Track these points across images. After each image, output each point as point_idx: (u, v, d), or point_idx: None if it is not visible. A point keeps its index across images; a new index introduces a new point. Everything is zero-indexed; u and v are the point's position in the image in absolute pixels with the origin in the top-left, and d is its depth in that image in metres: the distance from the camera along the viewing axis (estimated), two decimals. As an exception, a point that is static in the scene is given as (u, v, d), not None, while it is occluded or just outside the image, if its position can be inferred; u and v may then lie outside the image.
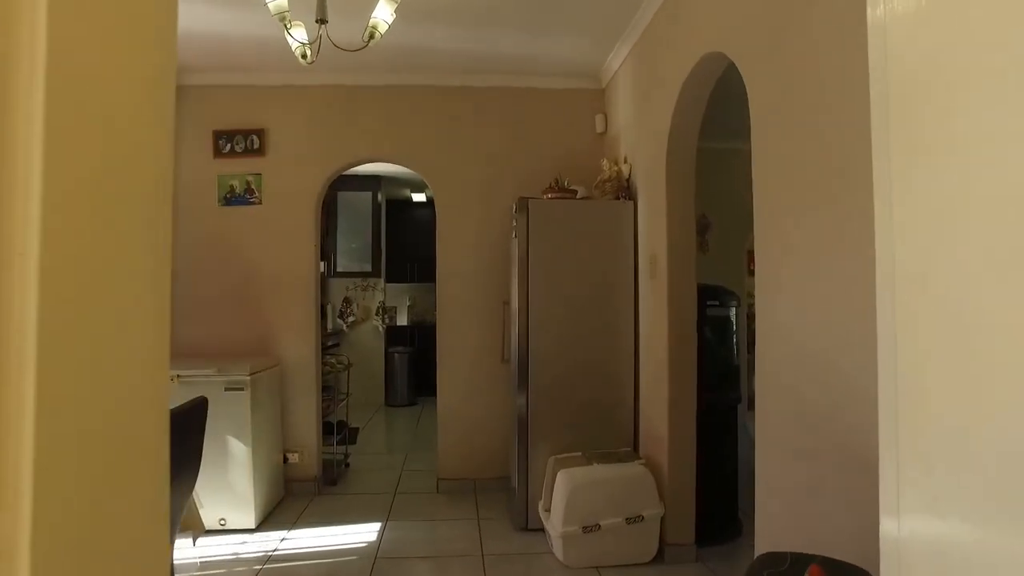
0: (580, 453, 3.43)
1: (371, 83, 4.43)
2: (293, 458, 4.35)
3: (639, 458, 3.33)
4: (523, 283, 3.61)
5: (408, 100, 4.47)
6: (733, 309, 3.52)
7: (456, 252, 4.47)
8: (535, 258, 3.61)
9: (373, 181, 7.77)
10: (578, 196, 3.86)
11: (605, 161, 3.89)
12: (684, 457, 3.18)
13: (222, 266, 4.38)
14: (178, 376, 3.65)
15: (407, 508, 4.11)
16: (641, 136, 3.60)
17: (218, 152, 4.38)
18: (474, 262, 4.45)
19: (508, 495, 4.12)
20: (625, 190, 3.77)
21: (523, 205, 3.64)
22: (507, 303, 4.24)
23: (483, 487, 4.38)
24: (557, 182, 3.83)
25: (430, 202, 8.70)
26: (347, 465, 5.03)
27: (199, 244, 4.37)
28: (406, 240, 8.70)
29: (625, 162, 3.93)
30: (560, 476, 3.17)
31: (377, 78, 4.42)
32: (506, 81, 4.47)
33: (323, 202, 4.51)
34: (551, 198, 3.75)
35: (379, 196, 7.91)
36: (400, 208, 8.78)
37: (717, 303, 3.43)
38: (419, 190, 8.42)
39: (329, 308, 7.93)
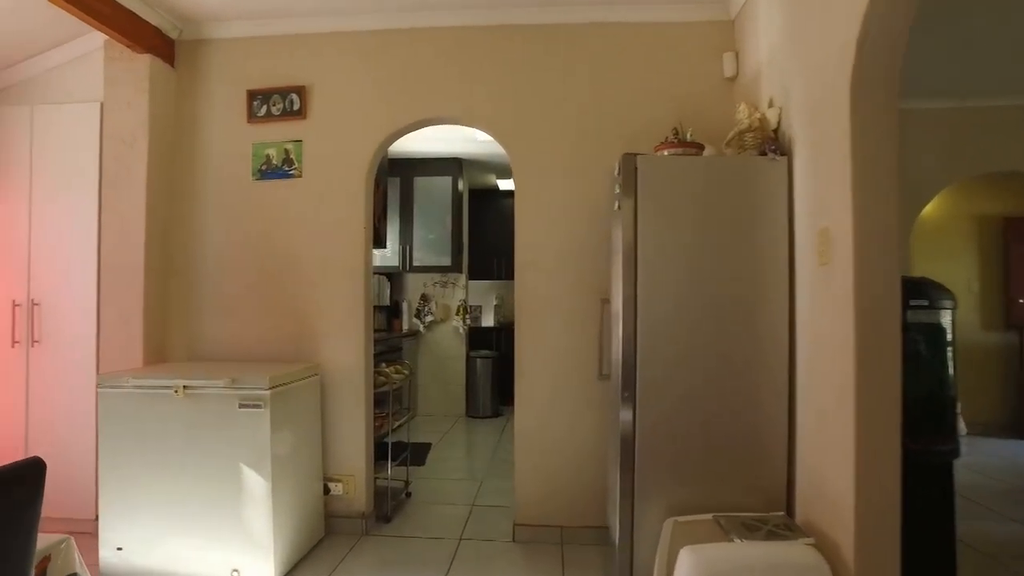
0: (711, 516, 2.36)
1: (434, 24, 3.54)
2: (336, 488, 3.53)
3: (802, 533, 2.22)
4: (629, 273, 2.58)
5: (479, 45, 3.54)
6: (948, 313, 2.33)
7: (538, 235, 3.50)
8: (647, 238, 2.57)
9: (453, 165, 6.94)
10: (704, 155, 2.79)
11: (743, 107, 2.78)
12: (882, 536, 2.04)
13: (255, 252, 3.63)
14: (184, 387, 2.89)
15: (473, 563, 3.18)
16: (803, 63, 2.49)
17: (252, 116, 3.62)
18: (561, 248, 3.47)
19: (605, 553, 3.12)
20: (773, 143, 2.66)
21: (630, 164, 2.61)
22: (606, 301, 3.23)
23: (572, 538, 3.38)
24: (677, 133, 2.78)
25: (518, 189, 7.83)
26: (408, 495, 4.17)
27: (230, 225, 3.65)
28: (491, 232, 7.84)
29: (771, 106, 2.81)
30: (686, 557, 2.12)
31: (441, 18, 3.53)
32: (602, 15, 3.45)
33: (399, 187, 3.69)
34: (670, 154, 2.70)
35: (460, 183, 7.07)
36: (484, 197, 7.93)
37: (925, 302, 2.26)
38: (506, 176, 7.51)
39: (405, 306, 7.18)
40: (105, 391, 2.97)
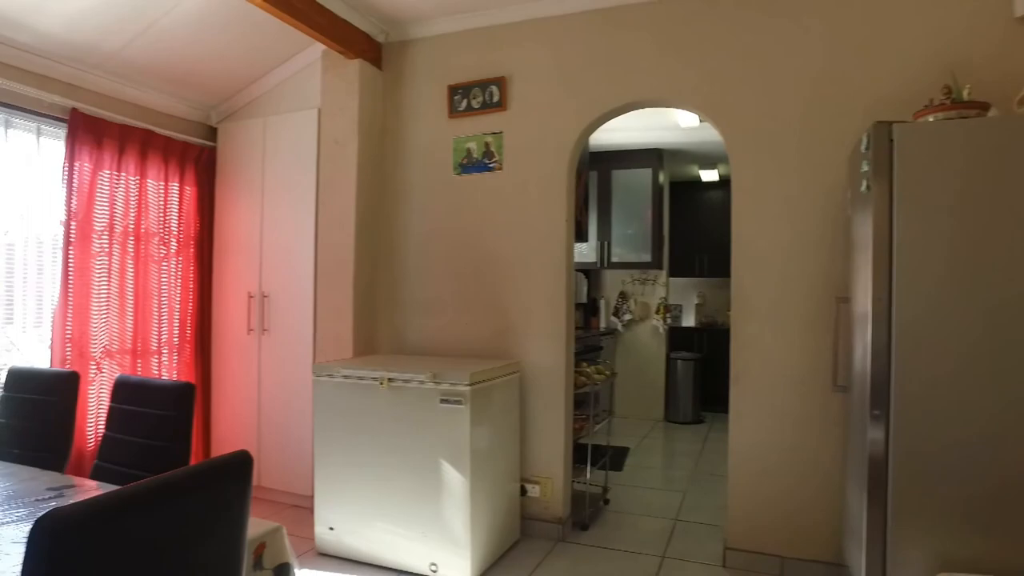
0: (997, 577, 1.85)
1: (634, 0, 3.28)
2: (533, 490, 3.42)
3: None
4: (881, 268, 2.12)
5: (684, 16, 3.21)
6: None
7: (758, 227, 3.08)
8: (908, 224, 2.09)
9: (653, 156, 6.59)
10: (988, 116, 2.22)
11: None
12: None
13: (457, 247, 3.64)
14: (388, 380, 2.95)
15: (678, 587, 2.88)
16: None
17: (453, 111, 3.64)
18: (786, 240, 3.02)
19: (838, 599, 2.65)
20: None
21: (883, 135, 2.13)
22: (844, 300, 2.74)
23: (795, 572, 2.94)
24: (949, 91, 2.24)
25: (723, 182, 7.27)
26: (606, 502, 3.96)
27: (432, 221, 3.71)
28: (693, 227, 7.37)
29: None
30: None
31: (646, -9, 3.25)
32: (840, -37, 2.93)
33: (596, 180, 3.52)
34: (939, 119, 2.18)
35: (660, 175, 6.70)
36: (686, 190, 7.47)
37: None
38: (709, 166, 7.00)
39: (602, 303, 6.98)
40: (318, 380, 3.13)
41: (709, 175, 7.19)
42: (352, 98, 3.63)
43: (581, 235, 4.82)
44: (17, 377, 2.45)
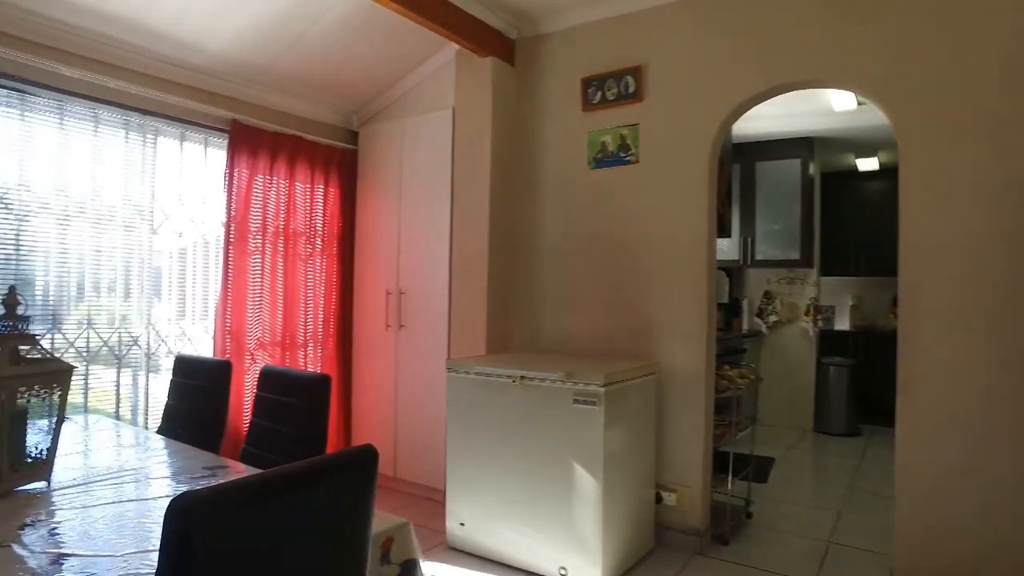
0: None
1: (789, -31, 3.01)
2: (669, 498, 3.24)
3: None
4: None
5: (849, -18, 2.89)
6: None
7: (937, 216, 2.70)
8: None
9: (802, 146, 6.11)
10: None
11: None
12: None
13: (591, 243, 3.54)
14: (521, 378, 2.91)
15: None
16: None
17: (587, 104, 3.54)
18: (973, 233, 2.63)
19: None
20: None
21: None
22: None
23: (980, 612, 2.54)
24: None
25: (884, 171, 6.58)
26: (749, 515, 3.68)
27: (566, 217, 3.64)
28: (848, 222, 6.75)
29: None
30: None
31: (799, -39, 2.98)
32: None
33: (739, 174, 3.29)
34: None
35: (811, 166, 6.19)
36: (840, 181, 6.86)
37: None
38: (867, 154, 6.37)
39: (745, 303, 6.58)
40: (452, 376, 3.15)
41: (867, 164, 6.55)
42: (485, 96, 3.64)
43: (724, 230, 4.56)
44: (182, 364, 2.69)
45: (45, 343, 3.05)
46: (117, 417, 3.28)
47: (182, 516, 0.75)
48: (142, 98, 3.30)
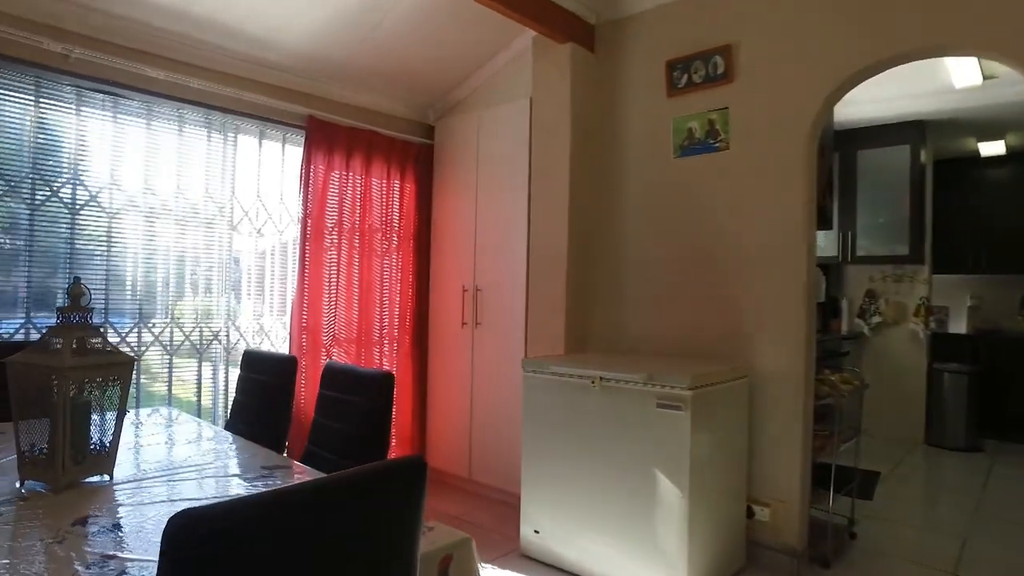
0: None
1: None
2: (762, 513, 2.97)
3: None
4: None
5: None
6: None
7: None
8: None
9: (912, 130, 5.57)
10: None
11: None
12: None
13: (676, 236, 3.32)
14: (600, 378, 2.73)
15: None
16: None
17: (672, 88, 3.31)
18: None
19: None
20: None
21: None
22: None
23: None
24: None
25: (1013, 155, 5.93)
26: (852, 535, 3.34)
27: (650, 209, 3.43)
28: (966, 213, 6.12)
29: None
30: None
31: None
32: None
33: (839, 163, 2.99)
34: None
35: (922, 152, 5.64)
36: (957, 168, 6.25)
37: None
38: (992, 136, 5.74)
39: (844, 303, 6.10)
40: (528, 375, 3.01)
41: (992, 148, 5.90)
42: (563, 84, 3.48)
43: (824, 222, 4.19)
44: (249, 359, 2.68)
45: (132, 338, 3.13)
46: (199, 410, 3.35)
47: (173, 538, 0.64)
48: (223, 96, 3.35)
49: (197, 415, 3.33)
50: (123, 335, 3.09)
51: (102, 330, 1.61)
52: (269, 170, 3.64)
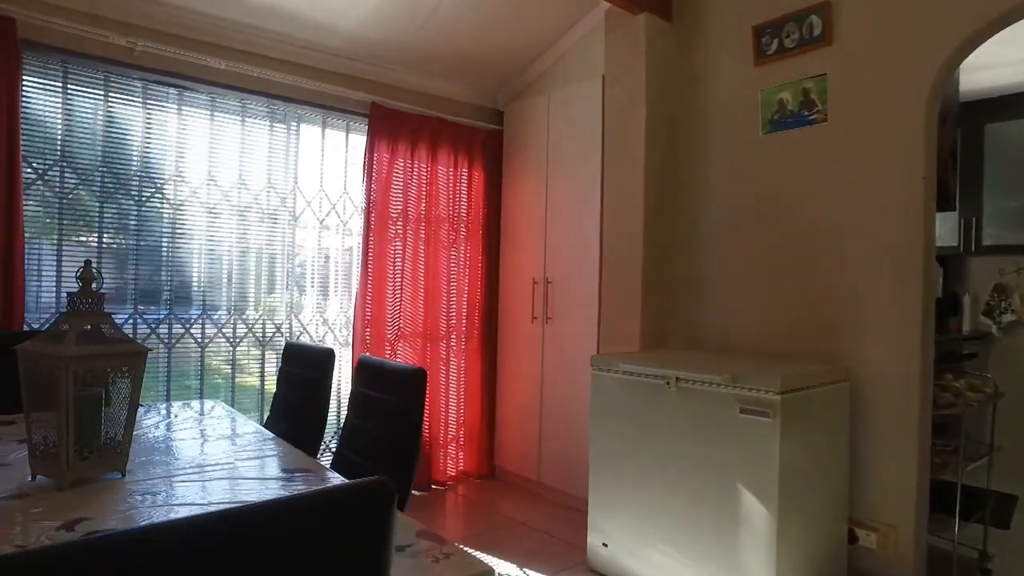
0: None
1: None
2: (867, 539, 2.58)
3: None
4: None
5: None
6: None
7: None
8: None
9: (1053, 100, 4.86)
10: None
11: None
12: None
13: (766, 221, 2.96)
14: (676, 379, 2.45)
15: None
16: None
17: (760, 56, 2.96)
18: None
19: None
20: None
21: None
22: None
23: None
24: None
25: None
26: (986, 573, 2.86)
27: (735, 192, 3.09)
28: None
29: None
30: None
31: None
32: None
33: (961, 139, 2.55)
34: None
35: (1066, 124, 4.91)
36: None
37: None
38: None
39: (967, 299, 5.41)
40: (596, 374, 2.76)
41: None
42: (638, 58, 3.19)
43: (947, 201, 3.66)
44: (289, 351, 2.55)
45: (195, 329, 3.13)
46: (261, 402, 3.31)
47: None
48: (284, 85, 3.29)
49: (260, 407, 3.30)
50: (188, 327, 3.10)
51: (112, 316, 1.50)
52: (332, 160, 3.56)
